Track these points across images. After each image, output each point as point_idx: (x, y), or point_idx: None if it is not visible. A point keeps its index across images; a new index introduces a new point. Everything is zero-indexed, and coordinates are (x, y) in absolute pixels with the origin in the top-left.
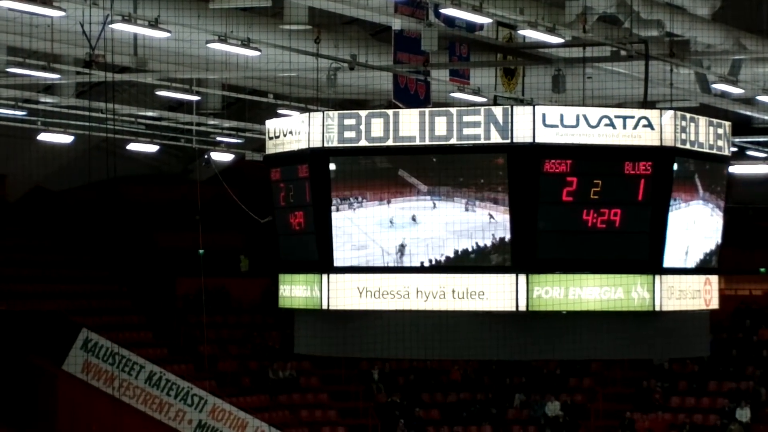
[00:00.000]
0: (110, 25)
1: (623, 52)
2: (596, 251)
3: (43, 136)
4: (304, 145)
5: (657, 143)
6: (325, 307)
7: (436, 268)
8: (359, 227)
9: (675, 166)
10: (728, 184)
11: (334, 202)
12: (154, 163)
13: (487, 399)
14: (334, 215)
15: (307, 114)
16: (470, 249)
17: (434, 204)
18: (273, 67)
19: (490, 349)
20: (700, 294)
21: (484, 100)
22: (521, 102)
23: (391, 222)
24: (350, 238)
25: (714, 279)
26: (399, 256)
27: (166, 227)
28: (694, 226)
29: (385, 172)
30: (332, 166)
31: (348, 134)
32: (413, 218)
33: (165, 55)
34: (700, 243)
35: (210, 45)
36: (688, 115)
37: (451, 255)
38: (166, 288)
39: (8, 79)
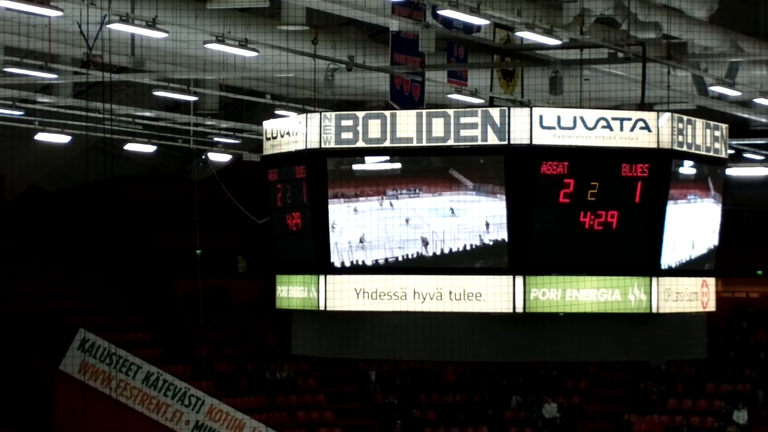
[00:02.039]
0: (108, 25)
1: (621, 54)
2: (593, 253)
3: (41, 136)
4: (301, 146)
5: (654, 145)
6: (322, 308)
7: (434, 269)
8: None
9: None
10: (725, 186)
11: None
12: (151, 164)
13: (483, 400)
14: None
15: (304, 115)
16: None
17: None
18: (270, 67)
19: (487, 350)
20: (697, 296)
21: (481, 101)
22: (518, 104)
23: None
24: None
25: (711, 281)
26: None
27: (163, 228)
28: (702, 224)
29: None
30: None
31: (345, 135)
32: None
33: (162, 55)
34: (706, 240)
35: (207, 45)
36: (685, 118)
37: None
38: (164, 289)
39: (6, 79)
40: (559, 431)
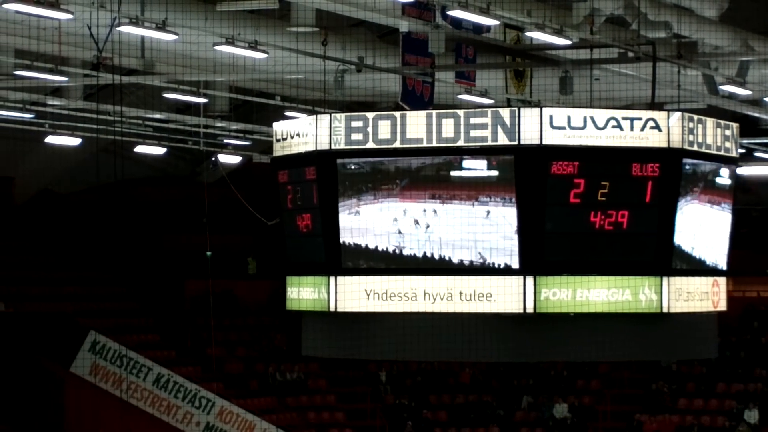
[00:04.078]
0: (117, 28)
1: (631, 54)
2: (604, 253)
3: (51, 139)
4: (311, 148)
5: (664, 145)
6: (332, 309)
7: (444, 270)
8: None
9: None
10: (736, 185)
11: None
12: (161, 166)
13: (494, 401)
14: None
15: (314, 116)
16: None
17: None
18: (280, 69)
19: (498, 351)
20: (708, 296)
21: (490, 102)
22: (528, 104)
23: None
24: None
25: (722, 281)
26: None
27: (173, 229)
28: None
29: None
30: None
31: (355, 136)
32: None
33: (172, 57)
34: (718, 240)
35: (217, 47)
36: (695, 117)
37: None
38: (174, 290)
39: (16, 82)
40: (569, 431)
